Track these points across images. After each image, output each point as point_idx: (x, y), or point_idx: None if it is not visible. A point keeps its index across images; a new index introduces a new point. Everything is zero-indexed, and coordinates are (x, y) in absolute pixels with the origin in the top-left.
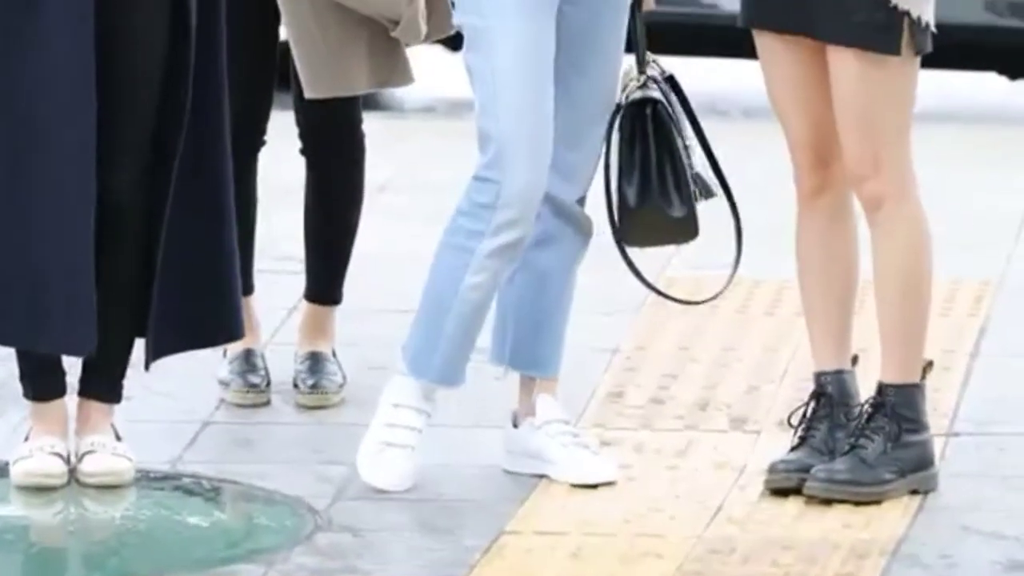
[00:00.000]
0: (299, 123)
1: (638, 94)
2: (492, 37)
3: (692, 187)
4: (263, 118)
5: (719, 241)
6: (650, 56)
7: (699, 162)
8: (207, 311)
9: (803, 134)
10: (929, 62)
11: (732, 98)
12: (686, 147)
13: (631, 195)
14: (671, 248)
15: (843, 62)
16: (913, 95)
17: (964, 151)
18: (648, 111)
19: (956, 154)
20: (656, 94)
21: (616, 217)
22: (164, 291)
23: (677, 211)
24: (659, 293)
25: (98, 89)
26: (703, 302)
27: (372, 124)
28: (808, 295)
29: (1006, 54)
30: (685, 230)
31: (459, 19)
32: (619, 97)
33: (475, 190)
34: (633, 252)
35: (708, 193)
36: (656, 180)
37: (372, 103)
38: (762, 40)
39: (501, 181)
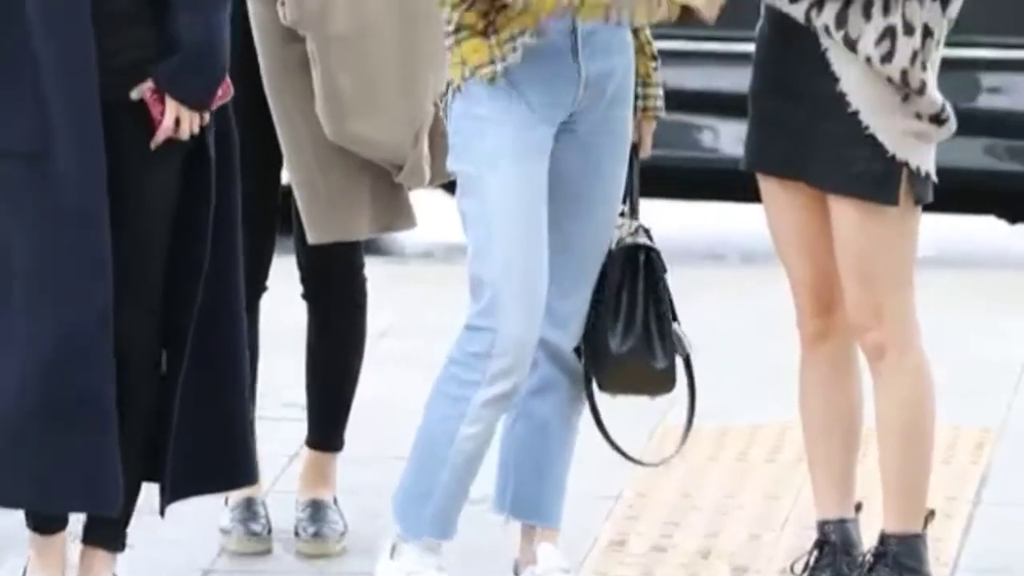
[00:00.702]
0: (301, 267)
1: (630, 240)
2: (485, 184)
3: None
4: (266, 263)
5: (718, 389)
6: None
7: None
8: (223, 455)
9: (806, 277)
10: (927, 206)
11: (730, 242)
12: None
13: (614, 343)
14: (671, 396)
15: (842, 211)
16: (914, 245)
17: (963, 296)
18: (641, 258)
19: (955, 299)
20: (648, 242)
21: (594, 363)
22: (179, 436)
23: (660, 363)
24: (616, 449)
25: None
26: (658, 464)
27: (373, 269)
28: (811, 442)
29: (1005, 198)
30: (664, 383)
31: (452, 166)
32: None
33: (468, 339)
34: (632, 399)
35: (682, 350)
36: (641, 330)
37: (373, 247)
38: (765, 184)
39: (496, 329)
